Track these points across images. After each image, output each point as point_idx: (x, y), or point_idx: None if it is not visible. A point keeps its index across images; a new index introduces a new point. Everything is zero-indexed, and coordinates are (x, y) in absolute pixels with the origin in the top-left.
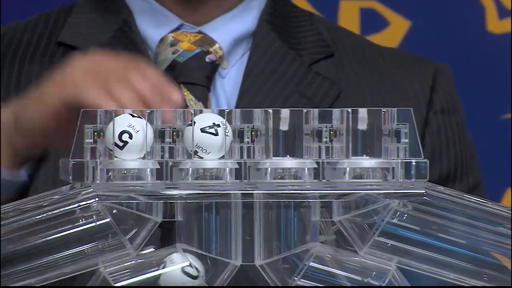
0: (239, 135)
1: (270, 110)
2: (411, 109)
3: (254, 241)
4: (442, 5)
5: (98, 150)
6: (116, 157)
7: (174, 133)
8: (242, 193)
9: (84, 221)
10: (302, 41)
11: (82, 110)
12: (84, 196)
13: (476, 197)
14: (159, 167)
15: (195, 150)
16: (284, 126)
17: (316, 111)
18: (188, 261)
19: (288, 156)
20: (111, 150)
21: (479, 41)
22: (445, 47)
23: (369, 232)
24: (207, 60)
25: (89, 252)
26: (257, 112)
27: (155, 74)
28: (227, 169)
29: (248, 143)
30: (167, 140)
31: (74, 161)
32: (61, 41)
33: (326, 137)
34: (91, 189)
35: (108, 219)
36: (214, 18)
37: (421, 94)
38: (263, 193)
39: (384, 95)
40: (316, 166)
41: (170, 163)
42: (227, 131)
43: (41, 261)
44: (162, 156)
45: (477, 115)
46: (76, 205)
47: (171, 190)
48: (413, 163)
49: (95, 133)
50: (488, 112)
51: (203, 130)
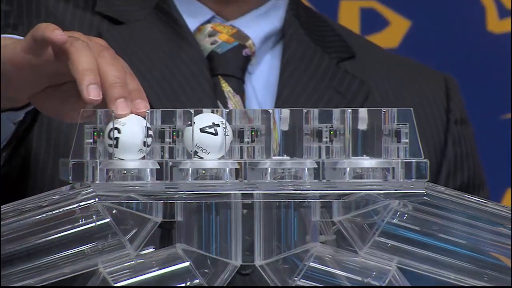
0: (239, 135)
1: (271, 110)
2: (411, 109)
3: (254, 241)
4: (442, 5)
5: (98, 150)
6: (116, 157)
7: (174, 133)
8: (242, 193)
9: (84, 221)
10: (326, 40)
11: (82, 110)
12: (84, 196)
13: (476, 197)
14: (159, 167)
15: (195, 150)
16: (284, 126)
17: (316, 111)
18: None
19: (285, 156)
20: (114, 156)
21: (479, 41)
22: (445, 47)
23: (369, 232)
24: (244, 54)
25: (89, 252)
26: (257, 112)
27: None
28: (227, 169)
29: (248, 143)
30: (167, 140)
31: (74, 161)
32: (99, 11)
33: (326, 137)
34: (91, 189)
35: (108, 219)
36: (244, 14)
37: (439, 101)
38: (263, 193)
39: (407, 99)
40: (316, 166)
41: (170, 163)
42: (227, 131)
43: (41, 261)
44: (162, 156)
45: (477, 115)
46: (76, 205)
47: (171, 190)
48: (413, 163)
49: (95, 133)
50: (488, 112)
51: (203, 130)
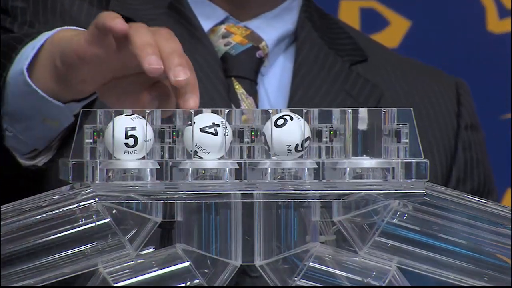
0: (239, 135)
1: (270, 110)
2: (411, 109)
3: (254, 241)
4: (442, 5)
5: (98, 150)
6: (117, 158)
7: (174, 133)
8: (242, 193)
9: (84, 221)
10: (338, 43)
11: (82, 110)
12: (84, 196)
13: (476, 197)
14: (159, 167)
15: (195, 150)
16: None
17: (316, 111)
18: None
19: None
20: (116, 157)
21: (479, 41)
22: (445, 47)
23: (369, 232)
24: (257, 56)
25: (89, 253)
26: (257, 112)
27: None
28: (227, 169)
29: (248, 143)
30: (167, 140)
31: (74, 161)
32: (113, 10)
33: (326, 137)
34: (91, 189)
35: (108, 219)
36: (257, 16)
37: (450, 105)
38: (263, 193)
39: (419, 102)
40: (316, 166)
41: (170, 163)
42: (227, 131)
43: (41, 261)
44: (162, 156)
45: (477, 115)
46: (76, 205)
47: (171, 190)
48: (413, 163)
49: (95, 133)
50: (488, 112)
51: (203, 130)
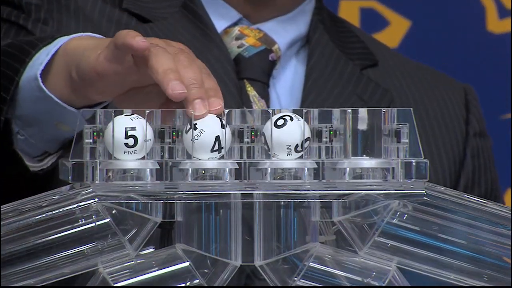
0: (239, 135)
1: (270, 110)
2: (411, 109)
3: (254, 241)
4: (442, 5)
5: (98, 150)
6: (117, 158)
7: (174, 133)
8: (242, 193)
9: (84, 222)
10: (349, 46)
11: (82, 110)
12: (84, 197)
13: (476, 197)
14: (159, 167)
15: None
16: None
17: (316, 111)
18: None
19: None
20: (115, 157)
21: (479, 41)
22: (445, 47)
23: (369, 233)
24: (270, 59)
25: (89, 253)
26: (257, 112)
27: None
28: (227, 169)
29: (248, 143)
30: (167, 140)
31: (74, 161)
32: (126, 8)
33: (326, 137)
34: (91, 189)
35: (108, 220)
36: (270, 18)
37: (459, 111)
38: (263, 193)
39: (428, 107)
40: (316, 166)
41: (170, 163)
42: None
43: (41, 262)
44: (162, 156)
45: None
46: (76, 206)
47: (171, 190)
48: (413, 163)
49: (95, 133)
50: (488, 112)
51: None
